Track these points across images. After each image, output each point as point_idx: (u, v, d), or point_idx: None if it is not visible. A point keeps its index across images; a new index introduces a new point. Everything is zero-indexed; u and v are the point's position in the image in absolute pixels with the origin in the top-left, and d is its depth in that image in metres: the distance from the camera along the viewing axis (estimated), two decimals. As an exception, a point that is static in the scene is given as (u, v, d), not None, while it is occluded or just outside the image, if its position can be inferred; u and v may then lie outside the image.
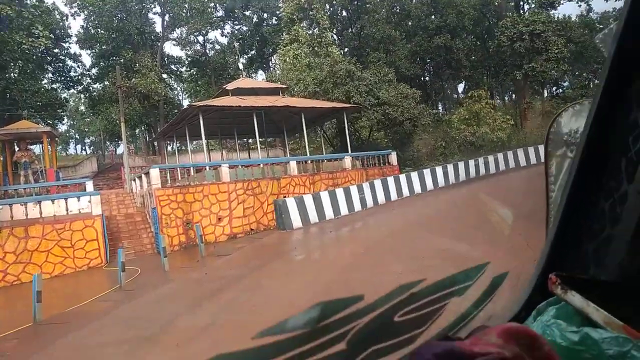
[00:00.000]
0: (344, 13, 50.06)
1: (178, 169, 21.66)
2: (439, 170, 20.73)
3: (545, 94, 45.42)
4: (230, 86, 24.42)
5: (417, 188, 19.62)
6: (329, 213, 15.84)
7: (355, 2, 47.81)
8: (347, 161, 21.75)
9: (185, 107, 23.54)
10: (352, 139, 28.47)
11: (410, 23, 48.76)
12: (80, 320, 8.29)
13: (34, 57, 35.73)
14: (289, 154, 30.26)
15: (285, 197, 19.24)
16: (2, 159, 24.88)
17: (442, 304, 0.70)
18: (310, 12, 30.53)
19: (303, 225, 14.89)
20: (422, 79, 51.46)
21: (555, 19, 33.52)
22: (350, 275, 8.49)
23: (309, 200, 15.39)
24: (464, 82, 56.19)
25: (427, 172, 20.25)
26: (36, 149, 28.69)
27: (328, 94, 25.18)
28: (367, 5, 47.49)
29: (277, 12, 43.42)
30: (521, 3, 33.88)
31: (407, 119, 26.26)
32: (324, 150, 28.01)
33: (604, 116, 0.84)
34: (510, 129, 30.48)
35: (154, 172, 16.49)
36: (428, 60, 49.50)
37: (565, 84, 55.49)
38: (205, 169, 18.85)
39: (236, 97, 23.08)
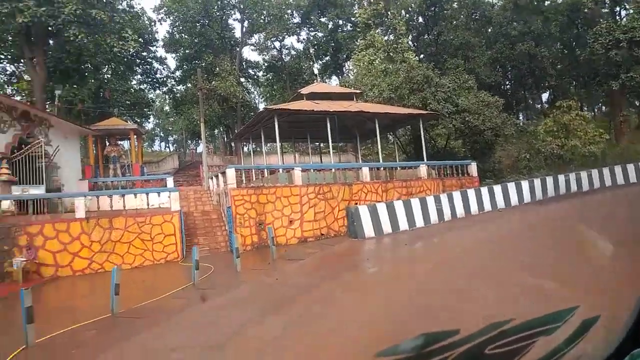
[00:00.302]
0: (420, 19, 48.86)
1: (253, 170, 21.83)
2: (524, 184, 19.16)
3: (642, 107, 41.25)
4: (304, 90, 24.33)
5: (500, 202, 18.23)
6: (403, 224, 15.04)
7: (433, 9, 46.42)
8: (423, 170, 20.76)
9: (261, 110, 23.76)
10: (427, 147, 27.33)
11: (490, 30, 46.49)
12: (153, 316, 8.23)
13: (125, 59, 38.17)
14: (361, 159, 29.70)
15: (357, 203, 18.67)
16: (94, 153, 26.53)
17: (531, 342, 0.71)
18: (387, 18, 29.80)
19: (375, 235, 14.22)
20: (503, 87, 48.79)
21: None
22: (430, 299, 7.74)
23: (382, 208, 14.69)
24: (548, 92, 52.71)
25: (511, 186, 18.77)
26: (125, 144, 30.42)
27: (403, 100, 24.31)
28: (445, 12, 45.98)
29: (353, 19, 43.16)
30: (617, 8, 30.80)
31: (489, 128, 24.69)
32: (397, 158, 27.12)
33: None
34: (605, 144, 27.74)
35: (230, 172, 16.61)
36: (509, 68, 46.92)
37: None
38: (279, 171, 18.77)
39: (310, 101, 22.92)
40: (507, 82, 50.72)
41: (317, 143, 32.04)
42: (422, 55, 42.72)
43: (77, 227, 13.65)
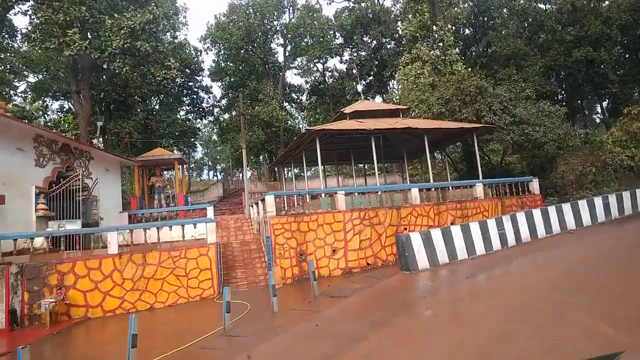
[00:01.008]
0: (467, 31, 46.77)
1: (295, 195, 20.63)
2: (597, 201, 16.70)
3: None
4: (347, 109, 23.06)
5: (571, 223, 15.88)
6: (461, 252, 13.16)
7: (481, 18, 44.32)
8: (479, 189, 18.74)
9: (302, 131, 22.70)
10: (481, 164, 25.32)
11: (542, 37, 43.63)
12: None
13: (172, 90, 38.73)
14: (408, 180, 27.87)
15: (405, 228, 17.00)
16: (140, 184, 26.43)
17: None
18: (434, 29, 28.20)
19: (430, 266, 12.43)
20: (557, 97, 45.43)
21: None
22: (505, 347, 6.05)
23: (437, 235, 12.90)
24: (607, 100, 48.74)
25: (582, 204, 16.39)
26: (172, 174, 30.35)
27: (455, 114, 22.44)
28: (494, 21, 43.71)
29: (396, 35, 41.81)
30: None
31: (551, 140, 22.27)
32: (449, 177, 25.09)
33: None
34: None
35: (269, 199, 15.46)
36: (564, 76, 43.67)
37: None
38: (321, 196, 17.44)
39: (354, 120, 21.61)
40: (562, 91, 47.27)
41: (362, 165, 30.55)
42: (469, 69, 40.60)
43: (110, 264, 12.85)
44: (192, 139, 43.21)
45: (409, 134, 23.03)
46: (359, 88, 30.87)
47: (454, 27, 40.94)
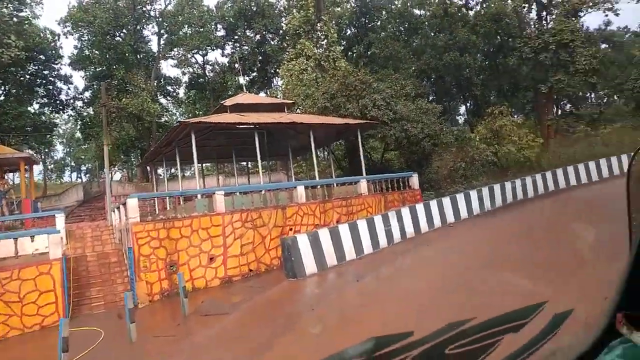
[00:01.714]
0: (349, 32, 47.66)
1: (167, 198, 18.29)
2: (473, 194, 17.35)
3: (559, 112, 42.55)
4: (228, 102, 21.30)
5: (450, 216, 16.20)
6: (349, 252, 12.37)
7: (363, 20, 45.39)
8: (363, 185, 18.40)
9: (175, 124, 20.33)
10: (363, 161, 25.42)
11: (417, 41, 46.24)
12: None
13: (21, 78, 32.97)
14: (293, 178, 26.95)
15: (291, 229, 15.91)
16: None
17: (495, 340, 0.70)
18: (318, 24, 27.63)
19: (318, 270, 11.38)
20: (429, 98, 48.62)
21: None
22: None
23: (325, 236, 11.92)
24: (469, 102, 53.41)
25: (460, 198, 16.86)
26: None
27: (340, 110, 21.99)
28: (375, 22, 45.08)
29: (280, 31, 40.75)
30: (544, 13, 30.99)
31: (427, 136, 22.99)
32: (333, 174, 24.67)
33: None
34: (539, 148, 27.22)
35: (132, 203, 13.13)
36: (435, 79, 46.82)
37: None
38: (196, 197, 15.52)
39: (235, 113, 19.91)
40: (434, 93, 50.74)
41: (245, 163, 28.87)
42: (352, 69, 41.27)
43: None
44: (48, 136, 37.33)
45: (294, 129, 22.05)
46: (242, 80, 29.07)
47: (337, 27, 41.32)
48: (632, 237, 0.96)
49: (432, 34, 44.68)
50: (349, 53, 45.96)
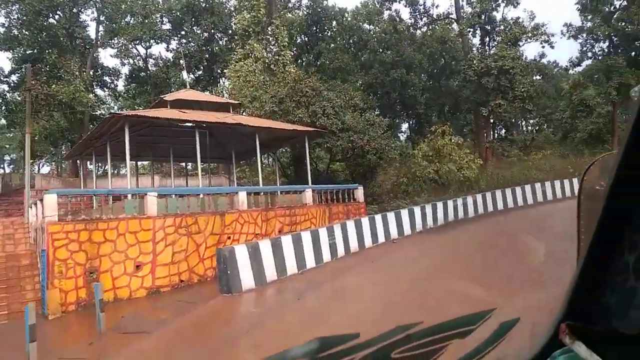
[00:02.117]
0: (299, 40, 47.16)
1: (92, 196, 16.50)
2: (417, 210, 17.16)
3: (495, 136, 44.49)
4: (169, 97, 19.82)
5: (394, 232, 15.85)
6: (291, 266, 11.52)
7: (314, 28, 45.08)
8: (308, 195, 17.69)
9: (107, 116, 18.54)
10: (309, 170, 24.78)
11: (365, 56, 46.65)
12: None
13: None
14: (235, 182, 25.71)
15: (229, 237, 14.85)
16: None
17: (442, 345, 0.70)
18: (269, 27, 26.76)
19: (257, 284, 10.39)
20: (375, 112, 49.17)
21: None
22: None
23: (266, 247, 10.98)
24: (412, 120, 54.63)
25: (404, 213, 16.59)
26: None
27: (289, 115, 21.19)
28: (325, 33, 44.92)
29: (230, 31, 39.39)
30: (487, 39, 32.18)
31: (373, 149, 22.76)
32: (278, 181, 23.75)
33: (630, 167, 0.78)
34: (479, 169, 27.96)
35: (49, 199, 11.49)
36: (381, 94, 47.41)
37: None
38: (126, 197, 14.04)
39: (176, 110, 18.51)
40: (378, 108, 51.43)
41: (184, 164, 27.21)
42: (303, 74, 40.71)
43: None
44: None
45: (239, 132, 20.97)
46: (184, 75, 27.42)
47: (288, 32, 40.66)
48: (580, 249, 0.98)
49: (380, 50, 45.28)
50: (299, 61, 45.42)
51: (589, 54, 40.45)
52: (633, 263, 0.83)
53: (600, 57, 39.07)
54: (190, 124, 16.98)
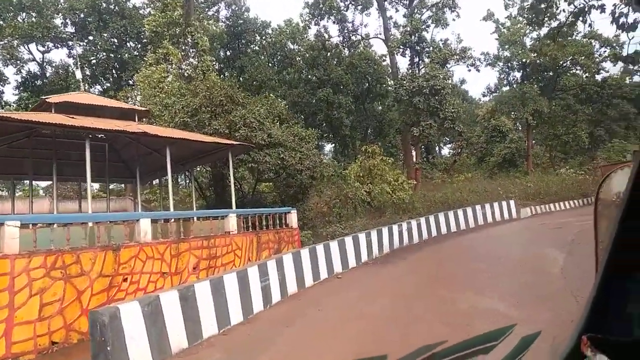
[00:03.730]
0: (221, 54, 43.69)
1: None
2: (362, 238, 14.41)
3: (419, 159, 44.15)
4: (55, 99, 15.44)
5: (337, 265, 12.93)
6: (209, 325, 8.00)
7: (236, 42, 41.88)
8: (232, 221, 14.23)
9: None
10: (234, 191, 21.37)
11: (290, 75, 44.36)
12: None
13: None
14: (140, 207, 21.35)
15: (126, 279, 11.09)
16: None
17: None
18: (188, 29, 23.13)
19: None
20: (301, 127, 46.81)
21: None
22: None
23: (170, 302, 7.38)
24: (338, 141, 53.03)
25: (348, 241, 13.75)
26: None
27: (204, 128, 17.68)
28: (249, 47, 41.95)
29: (142, 36, 34.89)
30: (416, 59, 31.24)
31: (307, 168, 19.91)
32: (194, 205, 19.87)
33: None
34: (412, 190, 26.28)
35: None
36: (307, 114, 45.23)
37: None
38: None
39: (63, 115, 14.28)
40: (304, 128, 49.19)
41: (77, 183, 22.17)
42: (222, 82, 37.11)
43: None
44: None
45: (147, 145, 17.10)
46: (78, 74, 22.46)
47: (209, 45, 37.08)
48: (598, 262, 1.01)
49: (307, 69, 43.32)
50: (221, 76, 41.90)
51: (505, 82, 41.78)
52: None
53: (514, 85, 40.39)
54: (80, 132, 12.90)
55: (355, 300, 9.94)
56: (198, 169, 25.71)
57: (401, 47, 30.72)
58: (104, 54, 36.51)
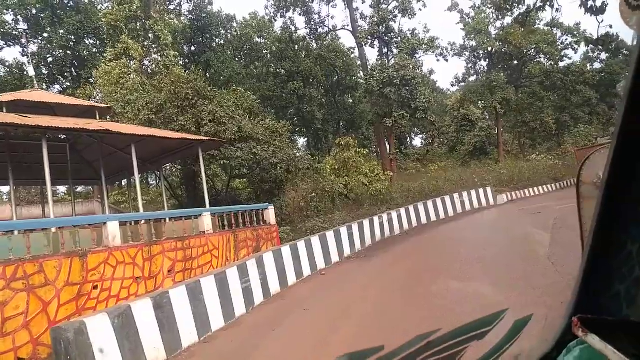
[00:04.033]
0: (185, 49, 42.22)
1: None
2: (343, 231, 13.95)
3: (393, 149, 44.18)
4: (5, 97, 14.25)
5: (320, 261, 12.44)
6: (188, 332, 7.36)
7: (201, 37, 40.53)
8: (207, 220, 13.51)
9: None
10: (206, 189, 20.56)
11: (258, 69, 43.38)
12: None
13: None
14: (108, 209, 20.23)
15: (95, 287, 10.31)
16: None
17: (462, 349, 0.71)
18: (148, 22, 21.97)
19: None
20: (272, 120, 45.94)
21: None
22: None
23: (143, 312, 6.67)
24: (310, 136, 52.47)
25: (330, 236, 13.26)
26: None
27: (171, 124, 16.78)
28: (215, 41, 40.69)
29: (101, 32, 33.19)
30: (385, 50, 30.95)
31: (281, 161, 19.28)
32: (166, 205, 18.95)
33: (625, 158, 0.79)
34: (389, 181, 26.04)
35: None
36: (278, 108, 44.40)
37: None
38: None
39: (15, 114, 13.16)
40: (274, 122, 48.31)
41: (40, 187, 20.79)
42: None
43: None
44: None
45: (111, 145, 16.12)
46: (31, 71, 20.95)
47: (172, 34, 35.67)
48: (584, 244, 1.09)
49: (275, 62, 42.48)
50: (187, 72, 40.49)
51: (472, 71, 42.13)
52: (636, 253, 0.82)
53: (481, 75, 40.78)
54: (37, 132, 11.88)
55: (341, 297, 9.48)
56: (168, 167, 24.68)
57: (369, 38, 30.33)
58: (61, 51, 34.60)
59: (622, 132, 0.74)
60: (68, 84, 36.33)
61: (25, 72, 33.32)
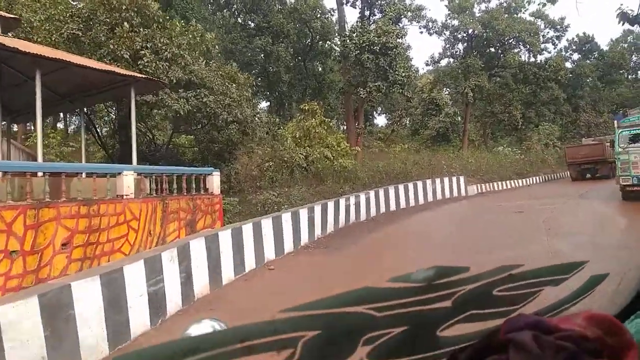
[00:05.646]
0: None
1: None
2: (303, 214, 10.95)
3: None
4: None
5: (270, 251, 9.45)
6: (94, 342, 4.28)
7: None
8: (128, 181, 10.09)
9: None
10: (143, 143, 16.88)
11: (223, 20, 38.69)
12: None
13: None
14: (21, 153, 16.11)
15: None
16: None
17: (537, 289, 0.71)
18: None
19: None
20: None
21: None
22: None
23: (16, 314, 3.52)
24: (272, 100, 48.50)
25: (286, 219, 10.18)
26: None
27: (101, 49, 12.90)
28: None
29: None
30: (367, 13, 27.58)
31: (236, 120, 15.86)
32: (83, 157, 15.00)
33: None
34: (355, 157, 23.27)
35: None
36: (241, 64, 40.10)
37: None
38: None
39: None
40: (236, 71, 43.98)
41: None
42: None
43: None
44: None
45: (19, 70, 12.16)
46: None
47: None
48: None
49: (244, 13, 38.01)
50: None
51: (448, 53, 39.64)
52: None
53: (457, 58, 38.44)
54: None
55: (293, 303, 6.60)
56: (104, 111, 20.55)
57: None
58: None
59: None
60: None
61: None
